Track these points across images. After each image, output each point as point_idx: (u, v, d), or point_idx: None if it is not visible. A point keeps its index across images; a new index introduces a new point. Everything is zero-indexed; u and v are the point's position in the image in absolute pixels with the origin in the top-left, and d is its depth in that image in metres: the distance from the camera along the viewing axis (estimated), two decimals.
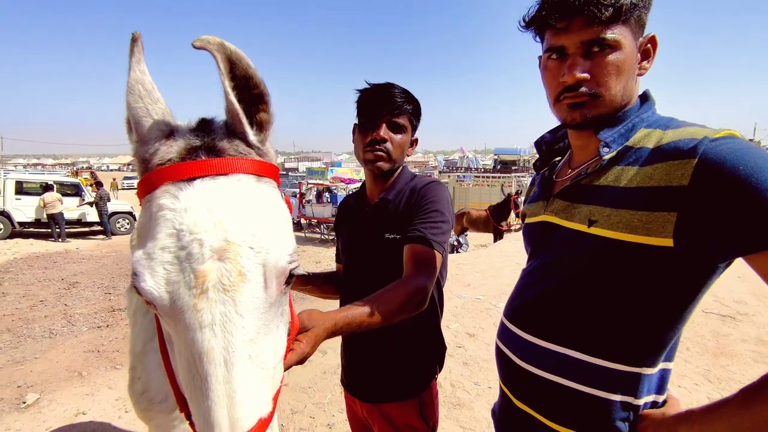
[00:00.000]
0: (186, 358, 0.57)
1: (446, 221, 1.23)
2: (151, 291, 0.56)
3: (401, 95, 1.30)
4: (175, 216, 0.58)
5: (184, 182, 0.60)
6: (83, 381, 3.46)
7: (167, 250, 0.57)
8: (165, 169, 0.61)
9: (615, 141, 0.81)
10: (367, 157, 1.31)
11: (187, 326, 0.56)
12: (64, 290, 6.48)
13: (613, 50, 0.78)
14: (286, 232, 0.66)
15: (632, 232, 0.73)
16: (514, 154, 23.50)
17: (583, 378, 0.79)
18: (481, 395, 3.15)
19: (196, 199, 0.59)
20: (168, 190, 0.60)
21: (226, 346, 0.55)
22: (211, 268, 0.56)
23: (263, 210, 0.63)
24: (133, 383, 1.15)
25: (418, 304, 1.06)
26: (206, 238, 0.56)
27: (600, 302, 0.78)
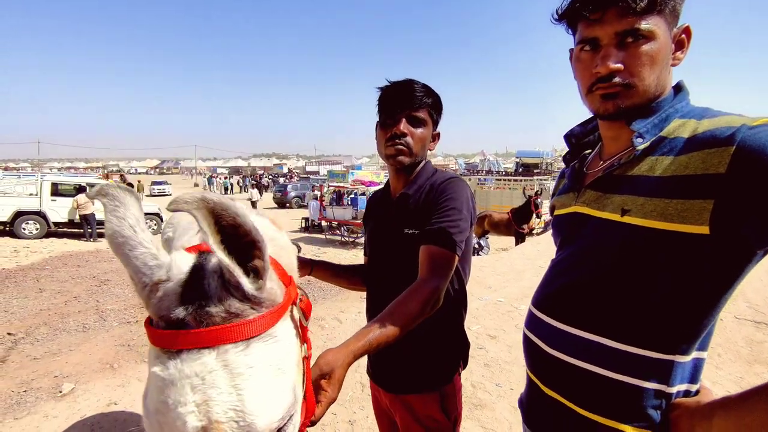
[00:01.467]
0: None
1: (464, 218, 1.23)
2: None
3: (420, 90, 1.32)
4: (164, 386, 0.57)
5: (166, 355, 0.58)
6: (115, 373, 3.60)
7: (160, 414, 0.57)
8: (154, 333, 0.60)
9: (648, 131, 0.81)
10: (388, 152, 1.33)
11: None
12: (95, 287, 6.73)
13: (647, 40, 0.78)
14: (279, 392, 0.63)
15: (667, 220, 0.73)
16: (537, 157, 23.15)
17: (615, 365, 0.79)
18: (503, 396, 3.12)
19: (182, 374, 0.57)
20: (159, 356, 0.59)
21: None
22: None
23: (251, 379, 0.60)
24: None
25: (433, 306, 1.10)
26: (189, 418, 0.56)
27: (633, 290, 0.79)
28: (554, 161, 24.19)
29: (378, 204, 1.54)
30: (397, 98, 1.31)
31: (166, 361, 0.58)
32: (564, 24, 0.90)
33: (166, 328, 0.59)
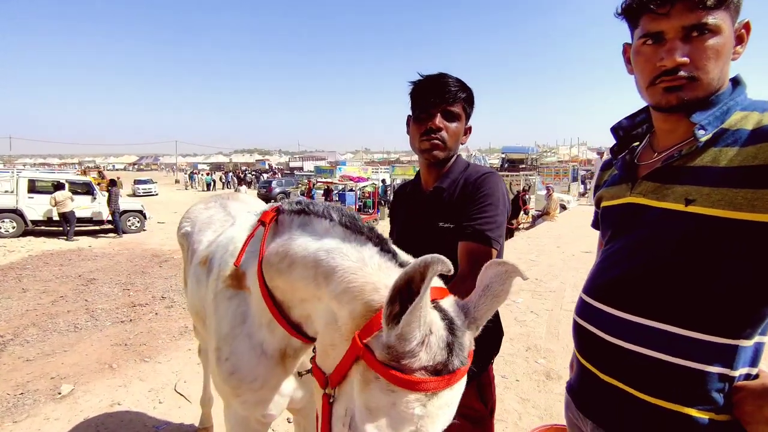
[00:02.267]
0: None
1: (501, 213, 1.25)
2: None
3: (455, 84, 1.32)
4: (419, 420, 0.70)
5: (433, 394, 0.71)
6: (114, 373, 3.51)
7: None
8: (424, 383, 0.69)
9: (710, 123, 0.83)
10: (423, 146, 1.34)
11: None
12: (82, 286, 6.54)
13: (713, 35, 0.80)
14: None
15: (736, 209, 0.75)
16: (522, 153, 23.43)
17: (680, 350, 0.82)
18: (510, 388, 3.18)
19: (438, 407, 0.71)
20: (420, 399, 0.69)
21: None
22: None
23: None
24: (219, 363, 1.21)
25: None
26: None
27: (698, 277, 0.81)
28: (539, 156, 24.54)
29: (408, 197, 1.54)
30: (431, 92, 1.31)
31: (427, 402, 0.70)
32: (625, 18, 0.92)
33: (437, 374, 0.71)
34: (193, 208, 2.28)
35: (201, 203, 2.30)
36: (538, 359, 3.63)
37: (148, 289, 6.34)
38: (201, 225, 2.00)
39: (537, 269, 6.70)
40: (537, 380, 3.29)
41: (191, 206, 2.35)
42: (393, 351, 0.69)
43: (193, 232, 2.00)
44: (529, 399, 3.02)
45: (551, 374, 3.36)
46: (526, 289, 5.61)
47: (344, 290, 0.85)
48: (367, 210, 14.66)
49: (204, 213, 2.13)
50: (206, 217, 2.07)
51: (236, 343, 1.20)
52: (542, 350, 3.80)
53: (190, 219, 2.16)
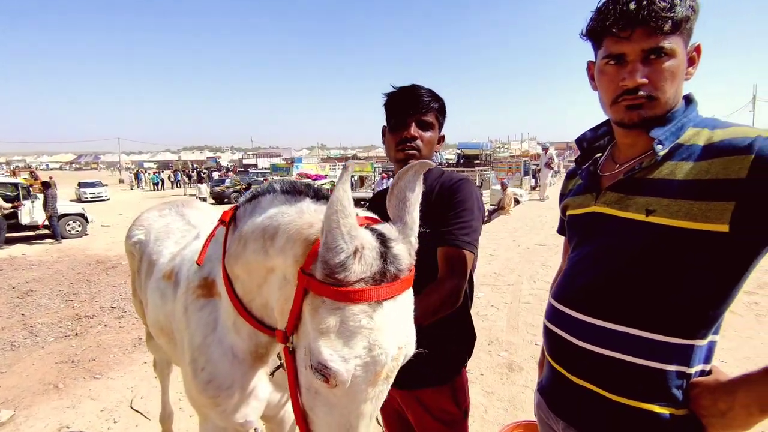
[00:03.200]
0: (340, 413, 0.77)
1: (476, 218, 1.29)
2: (343, 382, 0.73)
3: (427, 94, 1.36)
4: (370, 333, 0.74)
5: (377, 305, 0.75)
6: (61, 393, 3.26)
7: (360, 358, 0.73)
8: (364, 292, 0.74)
9: (667, 138, 0.90)
10: (399, 156, 1.37)
11: (353, 399, 0.76)
12: (17, 299, 6.01)
13: (669, 57, 0.87)
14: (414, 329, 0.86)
15: (692, 220, 0.82)
16: (477, 149, 24.13)
17: (643, 352, 0.88)
18: (475, 382, 3.27)
19: (387, 320, 0.75)
20: (365, 310, 0.74)
21: (374, 408, 0.79)
22: (386, 369, 0.76)
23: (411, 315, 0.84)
24: (196, 374, 1.23)
25: (453, 303, 1.18)
26: (390, 350, 0.75)
27: (658, 283, 0.87)
28: (492, 152, 25.31)
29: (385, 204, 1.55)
30: (405, 103, 1.35)
31: (373, 313, 0.74)
32: (589, 40, 0.96)
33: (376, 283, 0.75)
34: (146, 215, 2.19)
35: (154, 210, 2.21)
36: (500, 352, 3.77)
37: (94, 299, 5.93)
38: (158, 234, 1.92)
39: (496, 263, 6.93)
40: (500, 373, 3.41)
41: (143, 213, 2.24)
42: (328, 266, 0.74)
43: (149, 242, 1.92)
44: (493, 392, 3.14)
45: (513, 366, 3.50)
46: (486, 283, 5.80)
47: (286, 239, 0.91)
48: None
49: (159, 221, 2.05)
50: (162, 225, 1.99)
51: (210, 351, 1.22)
52: (504, 343, 3.94)
53: (143, 227, 2.06)
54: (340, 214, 0.72)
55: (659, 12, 0.83)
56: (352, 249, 0.74)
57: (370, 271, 0.75)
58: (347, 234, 0.73)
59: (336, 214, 0.72)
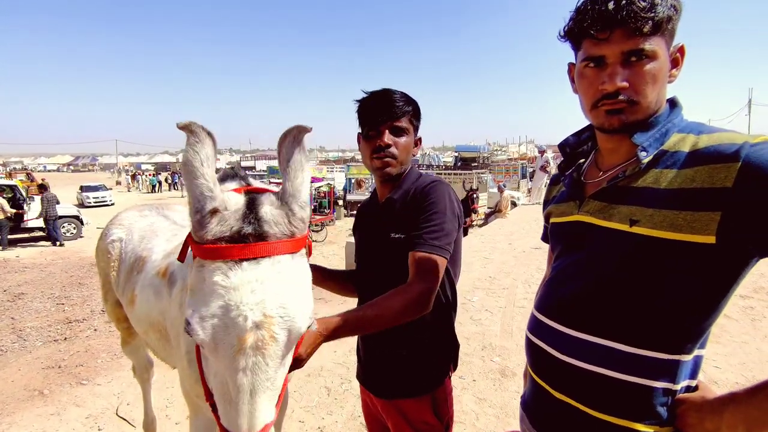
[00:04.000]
0: (221, 381, 0.77)
1: (448, 221, 1.25)
2: (202, 341, 0.74)
3: (400, 99, 1.33)
4: (225, 292, 0.73)
5: (234, 262, 0.74)
6: (46, 400, 3.21)
7: (217, 317, 0.73)
8: (220, 249, 0.75)
9: (651, 145, 0.86)
10: (375, 164, 1.34)
11: (227, 366, 0.75)
12: (8, 302, 5.96)
13: (650, 60, 0.83)
14: (309, 298, 0.84)
15: (677, 231, 0.78)
16: (474, 151, 24.12)
17: (627, 368, 0.84)
18: (467, 388, 3.23)
19: (243, 281, 0.74)
20: (220, 267, 0.74)
21: (253, 382, 0.75)
22: (250, 335, 0.73)
23: (293, 285, 0.80)
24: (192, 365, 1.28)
25: (420, 307, 1.15)
26: (249, 314, 0.73)
27: (642, 296, 0.83)
28: (490, 155, 25.33)
29: (366, 211, 1.54)
30: (377, 110, 1.32)
31: (229, 272, 0.73)
32: (568, 41, 0.93)
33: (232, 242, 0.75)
34: (125, 214, 2.20)
35: (133, 210, 2.23)
36: (493, 357, 3.73)
37: (86, 303, 5.88)
38: (143, 232, 1.94)
39: (491, 266, 6.90)
40: (493, 379, 3.37)
41: (120, 213, 2.26)
42: (192, 225, 0.78)
43: (131, 240, 1.94)
44: (485, 398, 3.09)
45: (506, 372, 3.46)
46: (480, 287, 5.76)
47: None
48: (323, 210, 14.51)
49: (141, 221, 2.06)
50: (146, 224, 2.01)
51: None
52: (497, 348, 3.90)
53: (124, 226, 2.08)
54: (190, 175, 0.75)
55: (639, 12, 0.79)
56: (208, 208, 0.76)
57: (230, 231, 0.76)
58: (201, 194, 0.76)
59: (187, 176, 0.75)
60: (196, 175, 0.75)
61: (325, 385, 3.31)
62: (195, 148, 0.75)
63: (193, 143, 0.75)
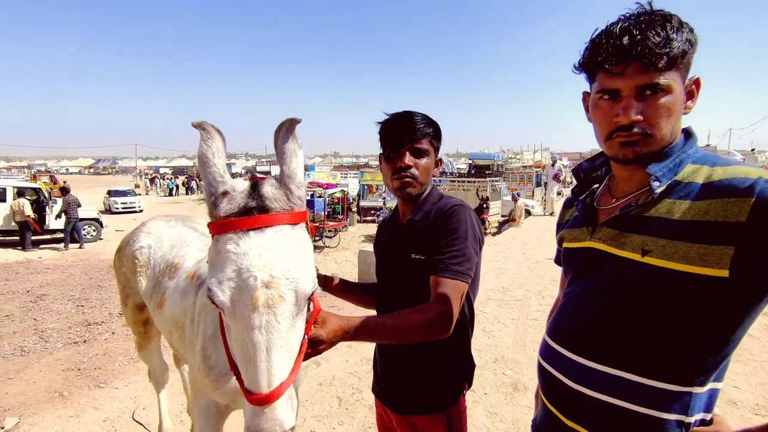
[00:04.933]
0: (241, 343, 0.86)
1: (469, 245, 1.27)
2: (221, 303, 0.85)
3: (421, 121, 1.36)
4: (237, 258, 0.85)
5: (243, 232, 0.86)
6: (65, 402, 3.30)
7: (232, 281, 0.84)
8: (230, 222, 0.87)
9: (664, 175, 0.87)
10: (395, 184, 1.38)
11: (244, 326, 0.84)
12: (31, 303, 6.13)
13: (665, 93, 0.84)
14: (311, 264, 0.93)
15: (689, 263, 0.78)
16: (488, 159, 24.03)
17: (639, 399, 0.84)
18: (478, 402, 3.21)
19: (251, 247, 0.85)
20: (231, 238, 0.86)
21: (268, 340, 0.84)
22: (261, 294, 0.84)
23: (295, 251, 0.90)
24: (204, 360, 1.47)
25: (437, 329, 1.16)
26: (258, 274, 0.84)
27: (652, 326, 0.84)
28: (504, 162, 25.15)
29: (387, 229, 1.57)
30: (399, 131, 1.35)
31: (239, 240, 0.85)
32: (583, 72, 0.94)
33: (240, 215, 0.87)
34: (153, 223, 2.34)
35: (160, 220, 2.36)
36: (505, 371, 3.70)
37: (104, 305, 6.02)
38: (173, 241, 2.12)
39: (504, 277, 6.85)
40: (505, 392, 3.34)
41: (146, 222, 2.37)
42: (208, 208, 0.92)
43: (161, 247, 2.11)
44: (497, 413, 3.07)
45: (518, 386, 3.43)
46: (493, 298, 5.72)
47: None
48: (337, 216, 14.57)
49: (170, 230, 2.23)
50: (176, 234, 2.18)
51: (217, 341, 1.43)
52: (509, 361, 3.87)
53: (152, 234, 2.23)
54: (204, 165, 0.91)
55: (653, 48, 0.80)
56: (220, 191, 0.90)
57: (237, 207, 0.88)
58: (213, 180, 0.90)
59: (201, 166, 0.91)
60: (209, 165, 0.90)
61: (337, 395, 3.33)
62: (207, 143, 0.90)
63: (206, 138, 0.90)
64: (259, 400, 0.83)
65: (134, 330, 2.46)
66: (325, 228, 12.40)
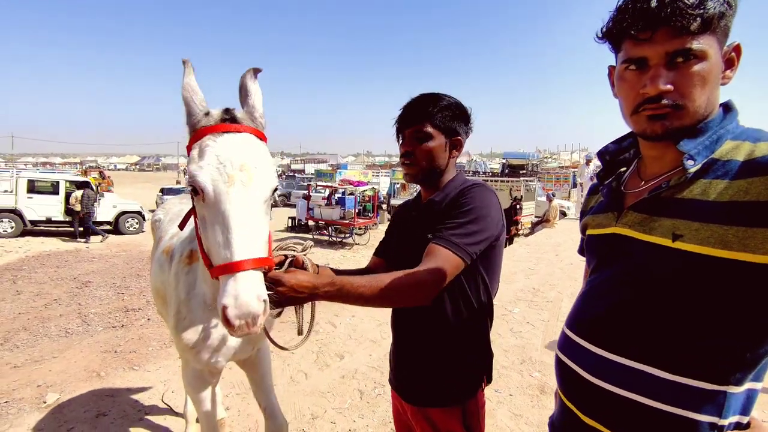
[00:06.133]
0: (219, 222, 1.00)
1: (476, 223, 1.20)
2: (203, 183, 1.00)
3: (421, 104, 1.33)
4: (215, 148, 1.03)
5: (219, 134, 1.06)
6: (102, 382, 3.46)
7: (212, 165, 1.01)
8: (208, 128, 1.06)
9: (699, 153, 0.79)
10: (403, 170, 1.39)
11: (222, 202, 0.99)
12: (76, 289, 6.52)
13: (699, 60, 0.76)
14: (273, 167, 1.13)
15: (726, 248, 0.70)
16: (523, 158, 23.37)
17: (666, 396, 0.77)
18: (503, 402, 3.12)
19: (226, 142, 1.05)
20: (210, 137, 1.05)
21: (241, 212, 0.99)
22: (237, 174, 1.01)
23: (260, 153, 1.09)
24: (179, 322, 1.55)
25: (415, 297, 1.12)
26: (234, 160, 1.02)
27: (683, 318, 0.76)
28: (539, 162, 24.45)
29: (407, 211, 1.54)
30: (400, 119, 1.37)
31: (216, 138, 1.05)
32: (607, 42, 0.87)
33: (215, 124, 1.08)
34: (170, 199, 2.67)
35: (176, 197, 2.67)
36: (533, 372, 3.57)
37: (142, 293, 6.30)
38: (172, 216, 2.28)
39: (535, 278, 6.64)
40: (531, 395, 3.23)
41: (169, 198, 2.71)
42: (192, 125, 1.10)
43: (164, 221, 2.29)
44: (522, 415, 2.97)
45: (545, 388, 3.30)
46: (523, 299, 5.55)
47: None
48: (367, 214, 14.63)
49: (177, 206, 2.43)
50: (178, 210, 2.35)
51: (190, 303, 1.54)
52: (537, 363, 3.74)
53: (165, 209, 2.49)
54: (192, 92, 1.11)
55: (685, 9, 0.73)
56: (204, 112, 1.10)
57: (214, 120, 1.08)
58: (199, 104, 1.11)
59: (190, 92, 1.11)
60: (196, 92, 1.12)
61: (359, 388, 3.32)
62: (191, 75, 1.13)
63: (189, 72, 1.13)
64: (231, 266, 0.93)
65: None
66: (356, 225, 12.48)
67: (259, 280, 0.96)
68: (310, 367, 3.64)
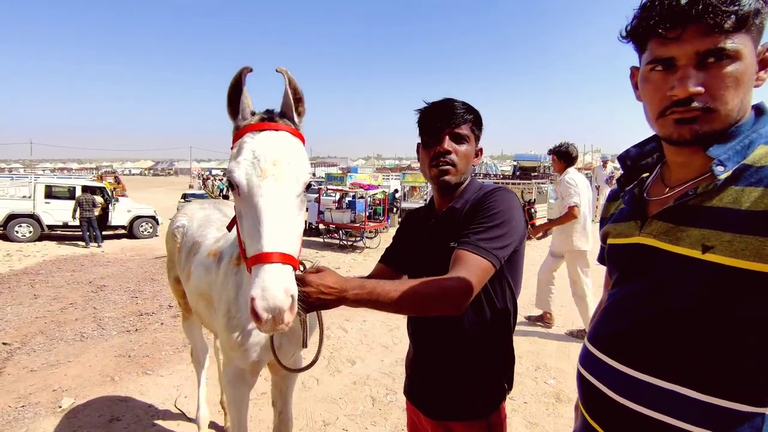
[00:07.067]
0: (252, 215, 1.03)
1: (502, 227, 1.18)
2: (238, 178, 1.05)
3: (461, 106, 1.30)
4: (252, 144, 1.08)
5: (257, 131, 1.11)
6: (116, 386, 3.48)
7: (247, 160, 1.06)
8: (249, 126, 1.12)
9: (730, 159, 0.75)
10: (433, 172, 1.31)
11: (255, 195, 1.03)
12: (92, 293, 6.59)
13: (732, 61, 0.72)
14: (307, 163, 1.14)
15: (762, 261, 0.66)
16: (534, 161, 23.10)
17: (696, 418, 0.73)
18: (517, 410, 3.06)
19: (263, 138, 1.09)
20: (249, 134, 1.11)
21: (274, 206, 1.02)
22: (270, 168, 1.05)
23: (295, 149, 1.12)
24: (229, 320, 1.62)
25: (446, 306, 1.06)
26: (267, 155, 1.06)
27: (716, 335, 0.72)
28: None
29: (421, 221, 1.49)
30: (438, 117, 1.30)
31: (254, 135, 1.10)
32: (631, 42, 0.84)
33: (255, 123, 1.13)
34: (189, 206, 2.68)
35: (195, 204, 2.69)
36: (548, 380, 3.50)
37: (156, 297, 6.35)
38: (200, 221, 2.34)
39: None
40: (546, 402, 3.16)
41: (185, 206, 2.70)
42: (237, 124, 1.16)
43: (192, 226, 2.35)
44: (537, 423, 2.90)
45: (561, 396, 3.24)
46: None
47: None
48: (377, 217, 14.59)
49: (201, 212, 2.49)
50: (203, 215, 2.41)
51: (239, 302, 1.60)
52: (552, 370, 3.67)
53: (187, 215, 2.52)
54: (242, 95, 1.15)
55: (719, 5, 0.68)
56: (249, 112, 1.16)
57: (255, 120, 1.14)
58: (247, 107, 1.16)
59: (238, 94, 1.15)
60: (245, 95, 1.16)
61: (371, 395, 3.29)
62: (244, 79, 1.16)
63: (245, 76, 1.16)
64: (261, 256, 0.94)
65: (177, 301, 2.73)
66: (366, 229, 12.45)
67: (289, 273, 0.95)
68: (321, 373, 3.62)
